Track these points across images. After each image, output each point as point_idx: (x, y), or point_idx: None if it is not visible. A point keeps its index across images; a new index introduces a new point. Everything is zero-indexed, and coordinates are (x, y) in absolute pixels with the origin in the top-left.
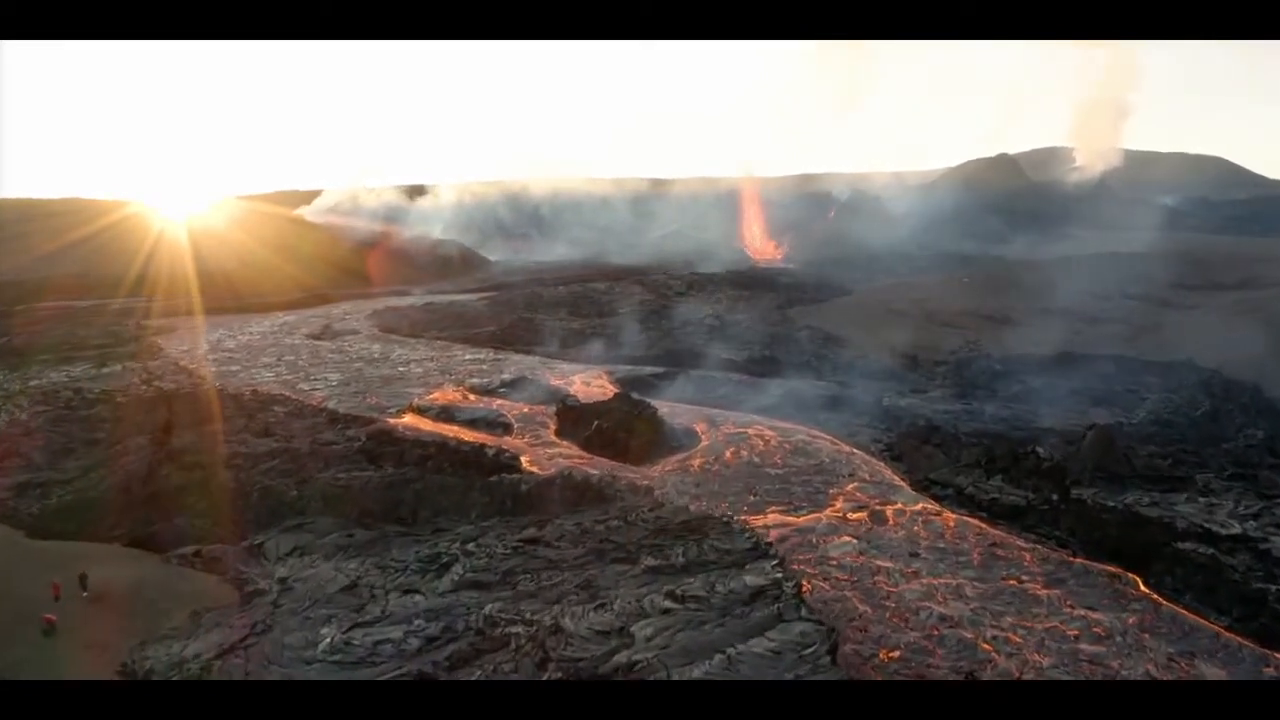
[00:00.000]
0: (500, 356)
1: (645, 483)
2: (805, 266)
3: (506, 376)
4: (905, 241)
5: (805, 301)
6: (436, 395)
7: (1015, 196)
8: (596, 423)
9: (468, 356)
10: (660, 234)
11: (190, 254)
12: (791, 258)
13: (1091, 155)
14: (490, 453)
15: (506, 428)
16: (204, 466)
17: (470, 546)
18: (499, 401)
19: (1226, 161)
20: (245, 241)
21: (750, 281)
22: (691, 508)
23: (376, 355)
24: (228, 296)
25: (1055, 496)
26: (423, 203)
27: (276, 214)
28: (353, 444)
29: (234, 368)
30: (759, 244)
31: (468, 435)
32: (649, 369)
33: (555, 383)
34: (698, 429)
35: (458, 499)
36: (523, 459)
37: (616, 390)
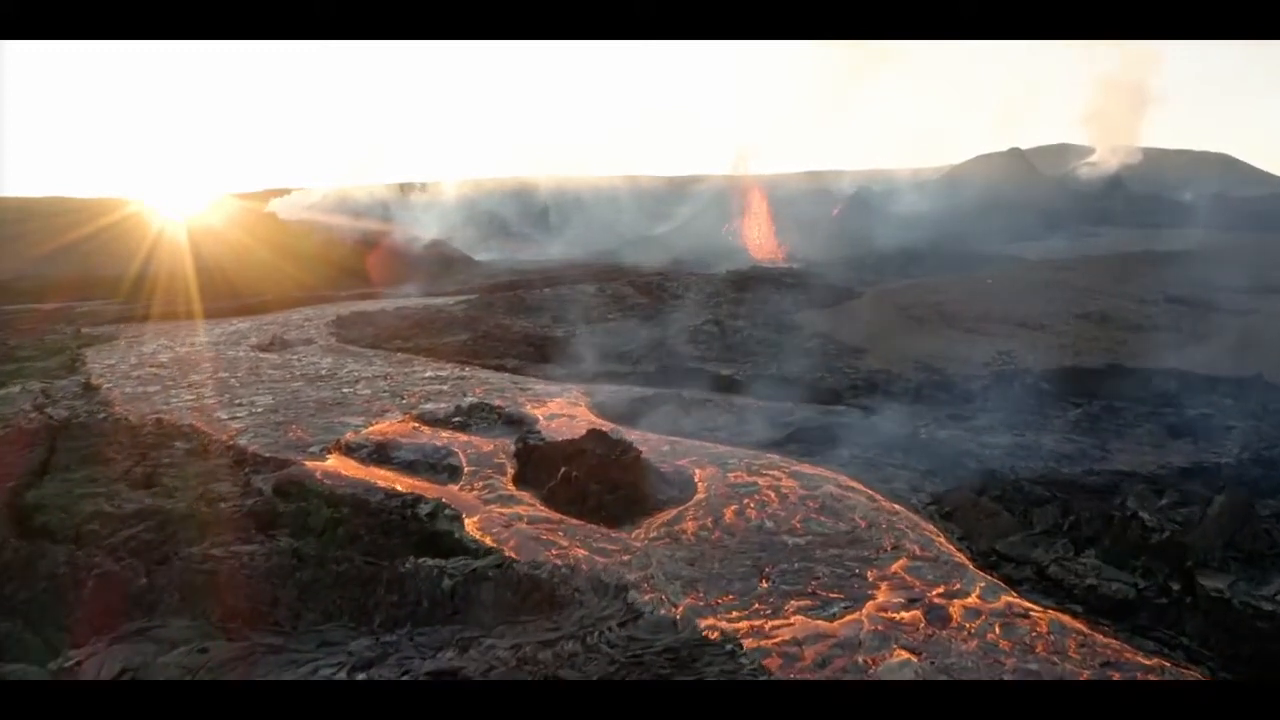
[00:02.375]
0: (466, 374)
1: (616, 576)
2: (811, 266)
3: (467, 400)
4: (915, 239)
5: (813, 305)
6: (377, 427)
7: (1028, 192)
8: (564, 469)
9: (428, 373)
10: (657, 232)
11: (157, 256)
12: (796, 257)
13: (1107, 150)
14: (423, 513)
15: (453, 473)
16: (49, 533)
17: (359, 679)
18: (451, 435)
19: (1231, 158)
20: (218, 242)
21: (753, 283)
22: (680, 611)
23: (323, 372)
24: (184, 301)
25: (1176, 586)
26: (413, 200)
27: (250, 210)
28: (249, 500)
29: (153, 388)
30: (761, 242)
31: (401, 484)
32: (637, 390)
33: (525, 408)
34: (694, 475)
35: (358, 597)
36: (466, 522)
37: (596, 416)
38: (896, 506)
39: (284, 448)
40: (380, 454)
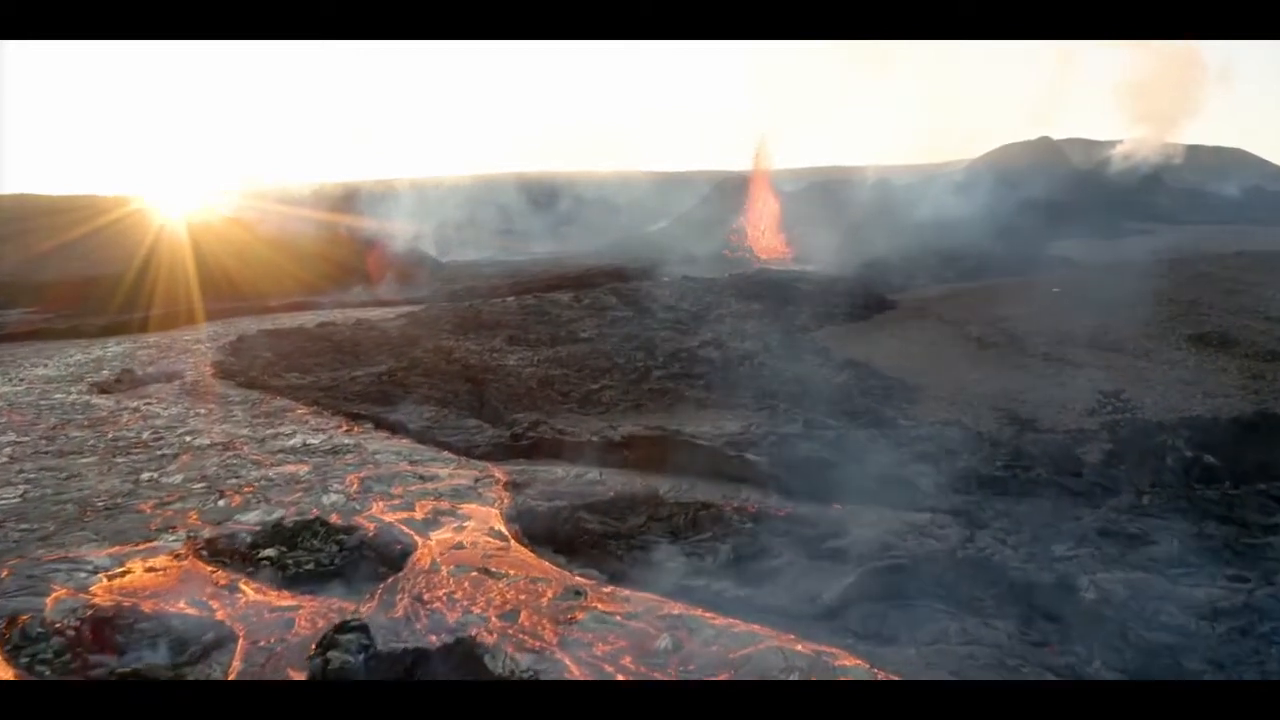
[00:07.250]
0: (349, 441)
1: None
2: (828, 269)
3: (324, 501)
4: (945, 237)
5: (837, 318)
6: (123, 575)
7: (1064, 185)
8: None
9: (295, 439)
10: (653, 229)
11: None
12: (810, 258)
13: (1140, 142)
14: None
15: None
16: None
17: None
18: (246, 597)
19: (1246, 152)
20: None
21: (761, 289)
22: None
23: (146, 434)
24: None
25: None
26: (382, 197)
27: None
28: None
29: None
30: (771, 241)
31: None
32: (593, 477)
33: (400, 527)
34: None
35: None
36: None
37: (518, 542)
38: None
39: None
40: (82, 650)
